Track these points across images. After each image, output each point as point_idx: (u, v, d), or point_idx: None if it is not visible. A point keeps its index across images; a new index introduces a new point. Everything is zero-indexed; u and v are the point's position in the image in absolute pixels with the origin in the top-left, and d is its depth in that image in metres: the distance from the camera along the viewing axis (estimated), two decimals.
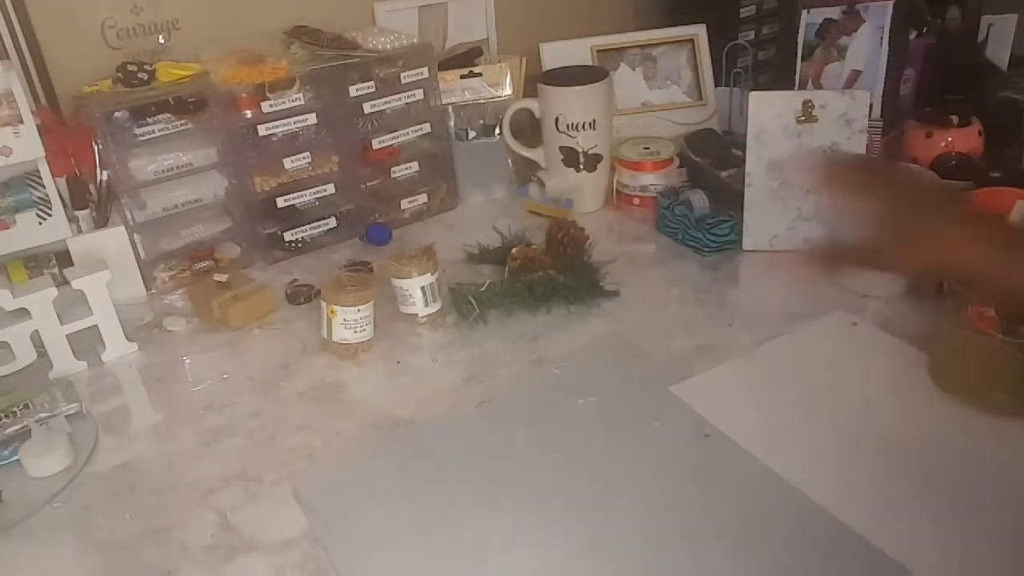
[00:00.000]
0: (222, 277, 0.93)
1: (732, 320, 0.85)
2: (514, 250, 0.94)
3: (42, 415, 0.74)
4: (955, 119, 1.06)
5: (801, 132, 0.92)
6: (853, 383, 0.74)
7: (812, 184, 0.58)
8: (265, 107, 0.98)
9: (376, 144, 1.07)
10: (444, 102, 1.13)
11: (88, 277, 0.83)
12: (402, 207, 1.12)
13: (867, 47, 1.09)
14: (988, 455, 0.65)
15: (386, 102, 1.06)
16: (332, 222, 1.07)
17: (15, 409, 0.75)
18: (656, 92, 1.27)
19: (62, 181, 0.93)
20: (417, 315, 0.88)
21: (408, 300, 0.87)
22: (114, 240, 0.94)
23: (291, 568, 0.59)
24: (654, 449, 0.68)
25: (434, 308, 0.88)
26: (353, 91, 1.03)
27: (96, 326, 0.85)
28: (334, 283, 0.84)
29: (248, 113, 0.98)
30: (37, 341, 0.83)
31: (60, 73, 1.02)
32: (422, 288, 0.86)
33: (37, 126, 0.87)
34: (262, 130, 0.99)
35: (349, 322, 0.82)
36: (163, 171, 0.96)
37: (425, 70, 1.07)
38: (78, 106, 0.99)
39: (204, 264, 1.02)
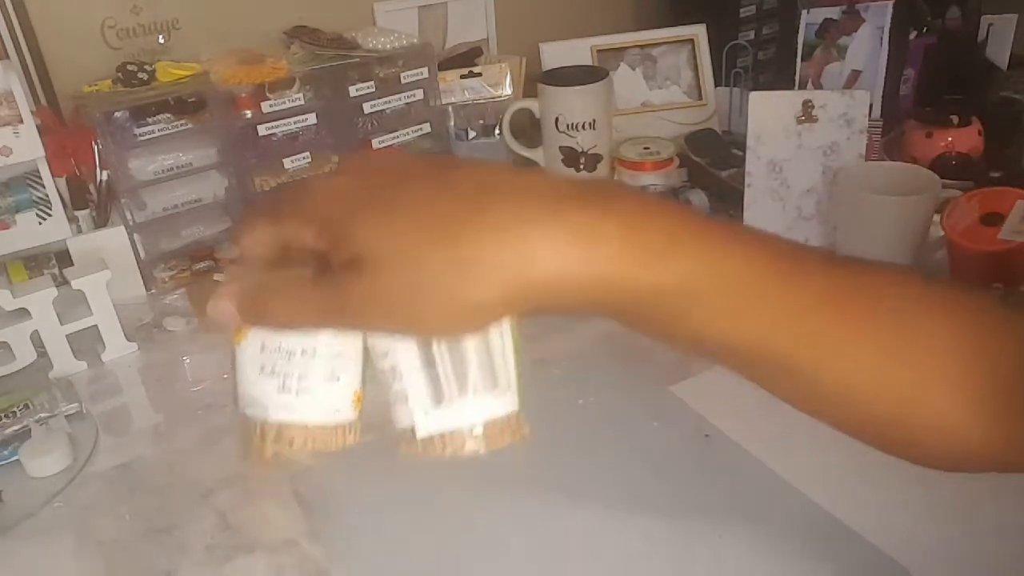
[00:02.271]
0: (222, 277, 0.93)
1: None
2: None
3: (42, 415, 0.74)
4: (955, 119, 1.06)
5: (801, 132, 0.92)
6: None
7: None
8: (265, 107, 0.98)
9: (376, 144, 1.07)
10: (444, 102, 1.13)
11: (88, 277, 0.83)
12: None
13: (867, 47, 1.09)
14: None
15: (386, 102, 1.06)
16: None
17: (15, 409, 0.74)
18: (656, 92, 1.27)
19: (62, 181, 0.93)
20: None
21: None
22: (114, 240, 0.94)
23: (291, 568, 0.59)
24: (654, 449, 0.68)
25: None
26: (353, 91, 1.03)
27: (96, 326, 0.85)
28: None
29: (248, 113, 0.98)
30: (37, 341, 0.83)
31: (60, 73, 1.02)
32: None
33: (37, 126, 0.87)
34: (262, 130, 0.98)
35: None
36: (163, 171, 0.96)
37: (425, 70, 1.07)
38: (78, 106, 0.99)
39: (204, 264, 1.01)
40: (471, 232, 0.28)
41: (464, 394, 0.33)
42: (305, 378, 0.34)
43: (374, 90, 1.04)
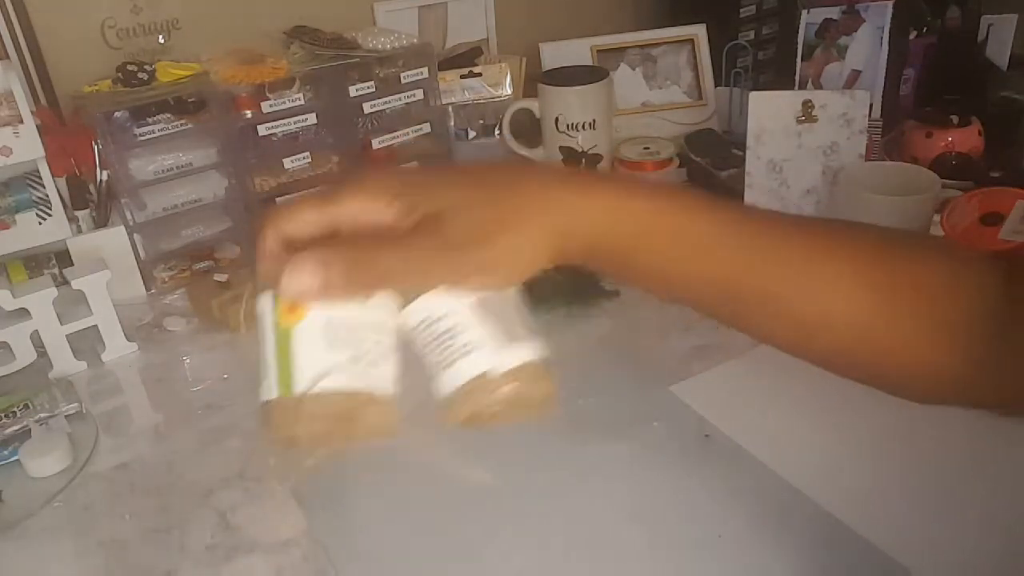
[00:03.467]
0: (222, 277, 0.93)
1: None
2: None
3: (42, 415, 0.74)
4: (955, 119, 1.06)
5: (801, 132, 0.92)
6: (853, 382, 0.73)
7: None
8: (265, 107, 0.98)
9: (376, 144, 1.07)
10: (444, 102, 1.13)
11: (88, 277, 0.83)
12: None
13: (867, 47, 1.09)
14: (990, 455, 0.64)
15: (386, 102, 1.06)
16: None
17: (15, 409, 0.74)
18: (656, 92, 1.27)
19: (62, 181, 0.93)
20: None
21: None
22: (114, 240, 0.94)
23: (291, 568, 0.59)
24: (654, 449, 0.68)
25: None
26: (353, 91, 1.03)
27: (96, 326, 0.85)
28: None
29: (248, 113, 0.98)
30: (37, 341, 0.83)
31: (60, 73, 1.02)
32: None
33: (37, 126, 0.87)
34: (262, 130, 0.98)
35: None
36: (163, 171, 0.96)
37: (425, 70, 1.07)
38: (78, 106, 0.99)
39: (204, 264, 1.02)
40: (523, 195, 0.37)
41: (518, 339, 0.39)
42: (380, 344, 0.37)
43: (374, 90, 1.04)
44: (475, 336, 0.37)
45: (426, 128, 1.10)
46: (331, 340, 0.35)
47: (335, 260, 0.33)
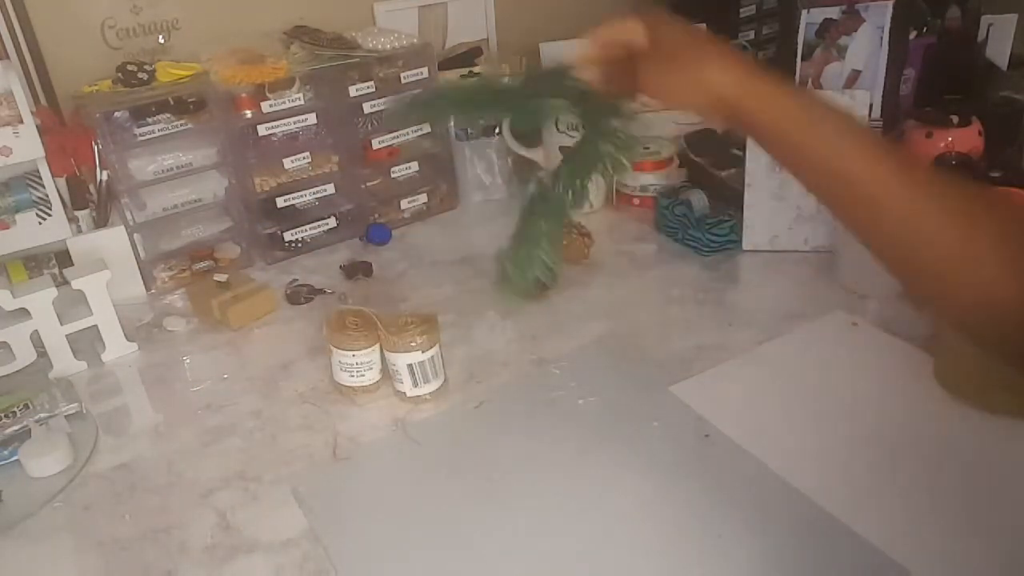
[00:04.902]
0: (222, 277, 0.93)
1: (732, 320, 0.85)
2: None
3: (42, 415, 0.74)
4: (955, 119, 1.06)
5: None
6: (853, 383, 0.74)
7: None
8: (265, 107, 0.98)
9: (376, 144, 1.07)
10: None
11: (88, 277, 0.83)
12: (402, 207, 1.12)
13: (867, 47, 1.09)
14: (989, 455, 0.65)
15: (386, 102, 1.06)
16: (332, 222, 1.07)
17: (15, 409, 0.74)
18: None
19: (62, 181, 0.93)
20: (405, 393, 0.76)
21: (396, 375, 0.76)
22: (114, 240, 0.94)
23: (291, 568, 0.59)
24: (654, 449, 0.68)
25: (430, 387, 0.76)
26: (353, 91, 1.03)
27: (96, 326, 0.85)
28: (336, 319, 0.77)
29: (248, 113, 0.98)
30: (37, 341, 0.83)
31: (60, 73, 1.02)
32: (410, 365, 0.74)
33: (37, 126, 0.87)
34: (262, 130, 0.99)
35: (345, 365, 0.76)
36: (163, 171, 0.96)
37: (425, 70, 1.08)
38: (78, 106, 0.99)
39: (204, 264, 1.02)
40: (708, 52, 0.50)
41: (425, 383, 0.74)
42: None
43: (374, 90, 1.04)
44: (404, 376, 0.75)
45: (426, 128, 1.10)
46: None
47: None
